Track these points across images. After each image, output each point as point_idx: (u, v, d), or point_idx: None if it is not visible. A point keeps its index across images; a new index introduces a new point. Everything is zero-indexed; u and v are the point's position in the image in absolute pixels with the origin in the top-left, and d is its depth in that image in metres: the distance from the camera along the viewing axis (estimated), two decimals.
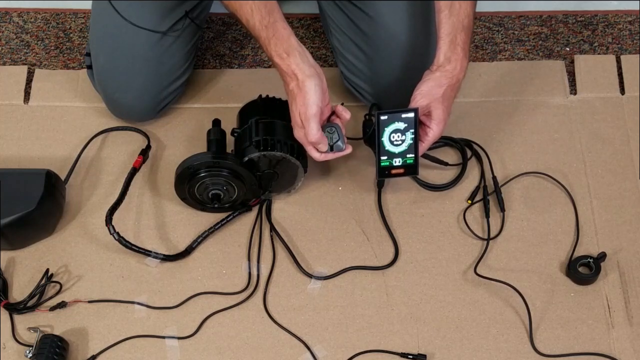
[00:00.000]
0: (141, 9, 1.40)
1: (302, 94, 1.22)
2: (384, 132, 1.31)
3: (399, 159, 1.34)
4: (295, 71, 1.22)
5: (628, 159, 1.48)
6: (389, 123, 1.31)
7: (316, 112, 1.23)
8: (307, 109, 1.23)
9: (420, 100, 1.31)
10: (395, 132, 1.31)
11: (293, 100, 1.24)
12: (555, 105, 1.55)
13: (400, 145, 1.32)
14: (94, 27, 1.46)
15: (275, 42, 1.22)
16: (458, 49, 1.29)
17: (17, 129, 1.52)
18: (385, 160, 1.34)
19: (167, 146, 1.50)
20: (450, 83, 1.30)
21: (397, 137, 1.32)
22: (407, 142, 1.32)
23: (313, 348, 1.29)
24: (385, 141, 1.32)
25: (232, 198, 1.38)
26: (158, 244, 1.39)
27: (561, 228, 1.41)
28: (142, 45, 1.41)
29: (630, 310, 1.32)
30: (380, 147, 1.32)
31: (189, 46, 1.47)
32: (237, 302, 1.33)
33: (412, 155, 1.33)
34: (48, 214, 1.37)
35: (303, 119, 1.24)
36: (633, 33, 1.67)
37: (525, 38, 1.67)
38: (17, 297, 1.33)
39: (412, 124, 1.30)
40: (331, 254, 1.38)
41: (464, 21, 1.29)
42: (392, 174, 1.36)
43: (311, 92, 1.22)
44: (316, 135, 1.25)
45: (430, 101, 1.30)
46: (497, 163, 1.47)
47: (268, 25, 1.21)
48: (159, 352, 1.29)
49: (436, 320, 1.32)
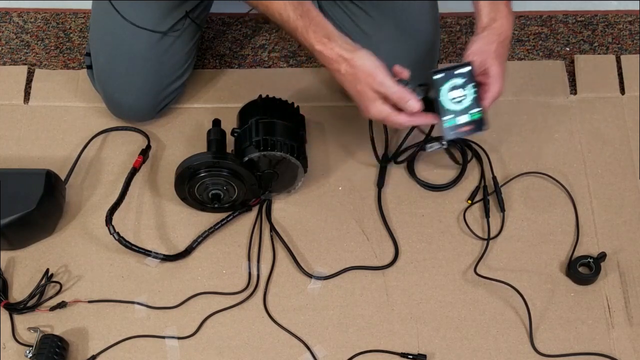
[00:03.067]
0: (142, 9, 1.40)
1: (360, 67, 1.18)
2: (441, 91, 1.25)
3: (464, 116, 1.26)
4: (341, 53, 1.18)
5: (628, 159, 1.48)
6: (445, 81, 1.24)
7: (384, 71, 1.18)
8: (373, 72, 1.17)
9: (473, 58, 1.25)
10: (454, 89, 1.25)
11: (352, 81, 1.19)
12: (555, 105, 1.55)
13: (463, 101, 1.26)
14: (94, 27, 1.46)
15: (314, 29, 1.18)
16: (501, 6, 1.26)
17: (17, 129, 1.52)
18: (450, 119, 1.25)
19: (167, 146, 1.50)
20: (499, 40, 1.26)
21: (458, 94, 1.25)
22: (470, 97, 1.25)
23: (313, 348, 1.29)
24: (444, 100, 1.24)
25: (232, 198, 1.38)
26: (158, 244, 1.39)
27: (561, 228, 1.41)
28: (142, 45, 1.41)
29: (630, 310, 1.32)
30: (440, 106, 1.24)
31: (189, 46, 1.47)
32: (237, 302, 1.33)
33: (478, 109, 1.26)
34: (48, 214, 1.37)
35: (375, 85, 1.18)
36: (633, 33, 1.67)
37: (525, 38, 1.67)
38: (17, 297, 1.33)
39: (470, 78, 1.24)
40: (331, 254, 1.38)
41: None
42: (460, 132, 1.27)
43: (368, 61, 1.18)
44: (397, 88, 1.18)
45: (484, 58, 1.25)
46: (497, 163, 1.47)
47: (303, 14, 1.17)
48: (159, 352, 1.29)
49: (436, 320, 1.32)
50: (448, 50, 1.65)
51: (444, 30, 1.66)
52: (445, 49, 1.65)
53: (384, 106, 1.20)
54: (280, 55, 1.64)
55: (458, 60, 1.63)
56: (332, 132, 1.51)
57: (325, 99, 1.52)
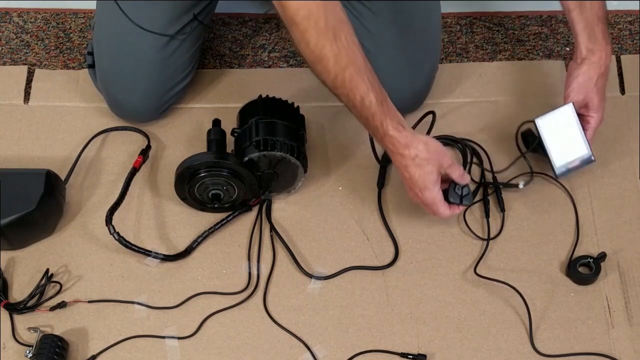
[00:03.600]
0: (150, 12, 1.40)
1: (435, 148, 1.25)
2: (546, 135, 1.35)
3: (571, 154, 1.35)
4: (413, 141, 1.23)
5: (628, 159, 1.48)
6: (549, 124, 1.34)
7: (436, 179, 1.26)
8: (446, 154, 1.26)
9: (575, 96, 1.35)
10: (559, 130, 1.33)
11: (422, 163, 1.24)
12: (555, 105, 1.54)
13: (568, 139, 1.34)
14: (100, 29, 1.45)
15: (391, 117, 1.22)
16: (599, 38, 1.32)
17: (17, 129, 1.52)
18: (560, 160, 1.36)
19: (167, 146, 1.50)
20: (600, 72, 1.33)
21: (562, 134, 1.33)
22: (574, 135, 1.34)
23: (313, 348, 1.29)
24: (550, 142, 1.34)
25: (232, 198, 1.38)
26: (158, 244, 1.39)
27: (561, 228, 1.41)
28: (149, 48, 1.41)
29: (630, 310, 1.32)
30: (549, 150, 1.35)
31: (194, 48, 1.48)
32: (237, 302, 1.33)
33: (583, 145, 1.35)
34: (48, 214, 1.37)
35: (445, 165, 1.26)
36: (633, 33, 1.67)
37: (525, 38, 1.67)
38: (17, 297, 1.33)
39: (572, 118, 1.33)
40: (331, 254, 1.38)
41: (598, 13, 1.32)
42: (570, 168, 1.37)
43: (440, 145, 1.26)
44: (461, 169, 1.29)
45: (585, 94, 1.34)
46: (497, 163, 1.47)
47: (383, 101, 1.21)
48: (159, 352, 1.29)
49: (436, 320, 1.32)
50: (448, 50, 1.65)
51: (444, 30, 1.66)
52: (445, 49, 1.65)
53: (439, 192, 1.27)
54: (280, 55, 1.64)
55: (458, 59, 1.63)
56: (332, 132, 1.51)
57: (325, 99, 1.52)
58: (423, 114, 1.46)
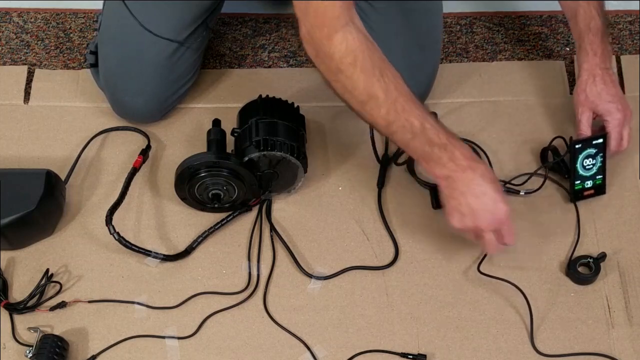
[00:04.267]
0: (161, 17, 1.40)
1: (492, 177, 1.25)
2: (578, 159, 1.39)
3: (589, 181, 1.41)
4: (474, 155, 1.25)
5: (628, 159, 1.48)
6: (583, 150, 1.39)
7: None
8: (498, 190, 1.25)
9: (585, 112, 1.40)
10: (588, 158, 1.39)
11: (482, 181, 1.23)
12: (555, 105, 1.55)
13: (592, 168, 1.40)
14: (107, 30, 1.45)
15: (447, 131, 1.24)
16: (587, 50, 1.38)
17: (17, 129, 1.52)
18: (579, 184, 1.40)
19: (167, 146, 1.50)
20: (592, 80, 1.39)
21: (589, 162, 1.39)
22: (597, 165, 1.40)
23: (313, 348, 1.29)
24: (579, 167, 1.39)
25: (232, 198, 1.38)
26: (158, 244, 1.39)
27: (561, 228, 1.41)
28: (158, 53, 1.42)
29: (630, 310, 1.32)
30: (575, 172, 1.39)
31: (200, 52, 1.49)
32: (237, 302, 1.33)
33: (601, 176, 1.41)
34: (48, 214, 1.37)
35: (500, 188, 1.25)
36: (633, 33, 1.67)
37: (525, 38, 1.67)
38: (17, 297, 1.33)
39: (601, 149, 1.39)
40: (331, 254, 1.38)
41: (589, 24, 1.38)
42: (584, 195, 1.42)
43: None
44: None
45: (590, 108, 1.40)
46: (496, 163, 1.47)
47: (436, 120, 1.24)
48: (159, 352, 1.29)
49: (436, 320, 1.32)
50: (448, 50, 1.65)
51: (444, 30, 1.66)
52: (446, 49, 1.65)
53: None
54: (280, 55, 1.64)
55: (458, 59, 1.63)
56: (332, 132, 1.51)
57: (325, 99, 1.52)
58: None
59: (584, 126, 1.41)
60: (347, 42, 1.14)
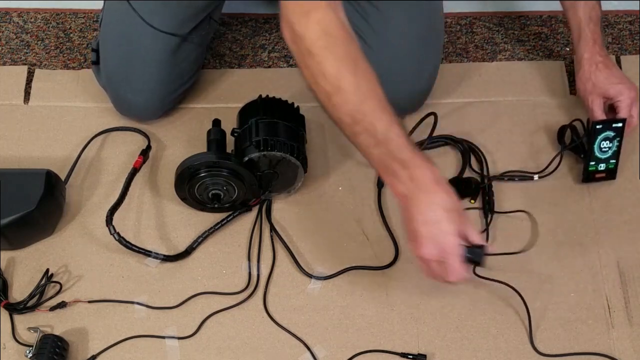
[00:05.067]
0: (163, 12, 1.39)
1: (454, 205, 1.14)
2: (596, 140, 1.40)
3: (603, 164, 1.42)
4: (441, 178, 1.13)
5: (628, 159, 1.48)
6: (602, 132, 1.40)
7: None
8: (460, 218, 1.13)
9: (596, 99, 1.41)
10: (605, 140, 1.40)
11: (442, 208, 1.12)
12: (555, 105, 1.55)
13: (607, 152, 1.41)
14: (108, 28, 1.45)
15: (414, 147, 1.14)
16: (589, 41, 1.40)
17: (17, 129, 1.52)
18: (593, 165, 1.42)
19: (167, 146, 1.50)
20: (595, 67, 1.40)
21: (606, 145, 1.40)
22: (613, 150, 1.41)
23: (313, 348, 1.29)
24: (595, 148, 1.40)
25: (232, 198, 1.38)
26: (158, 244, 1.39)
27: (561, 228, 1.41)
28: (160, 48, 1.41)
29: (630, 310, 1.32)
30: (591, 152, 1.40)
31: (202, 48, 1.48)
32: (237, 302, 1.34)
33: (614, 160, 1.42)
34: (48, 214, 1.37)
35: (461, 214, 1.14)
36: (633, 33, 1.67)
37: (525, 38, 1.67)
38: (17, 297, 1.33)
39: (619, 133, 1.40)
40: (331, 254, 1.38)
41: (590, 13, 1.40)
42: (595, 177, 1.43)
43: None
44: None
45: (600, 93, 1.40)
46: (496, 163, 1.47)
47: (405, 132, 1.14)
48: (159, 352, 1.29)
49: (436, 320, 1.32)
50: (448, 50, 1.65)
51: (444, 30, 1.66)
52: (446, 49, 1.65)
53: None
54: (280, 55, 1.64)
55: (458, 59, 1.63)
56: (332, 132, 1.51)
57: None
58: (424, 115, 1.46)
59: (597, 113, 1.41)
60: (324, 23, 1.06)
